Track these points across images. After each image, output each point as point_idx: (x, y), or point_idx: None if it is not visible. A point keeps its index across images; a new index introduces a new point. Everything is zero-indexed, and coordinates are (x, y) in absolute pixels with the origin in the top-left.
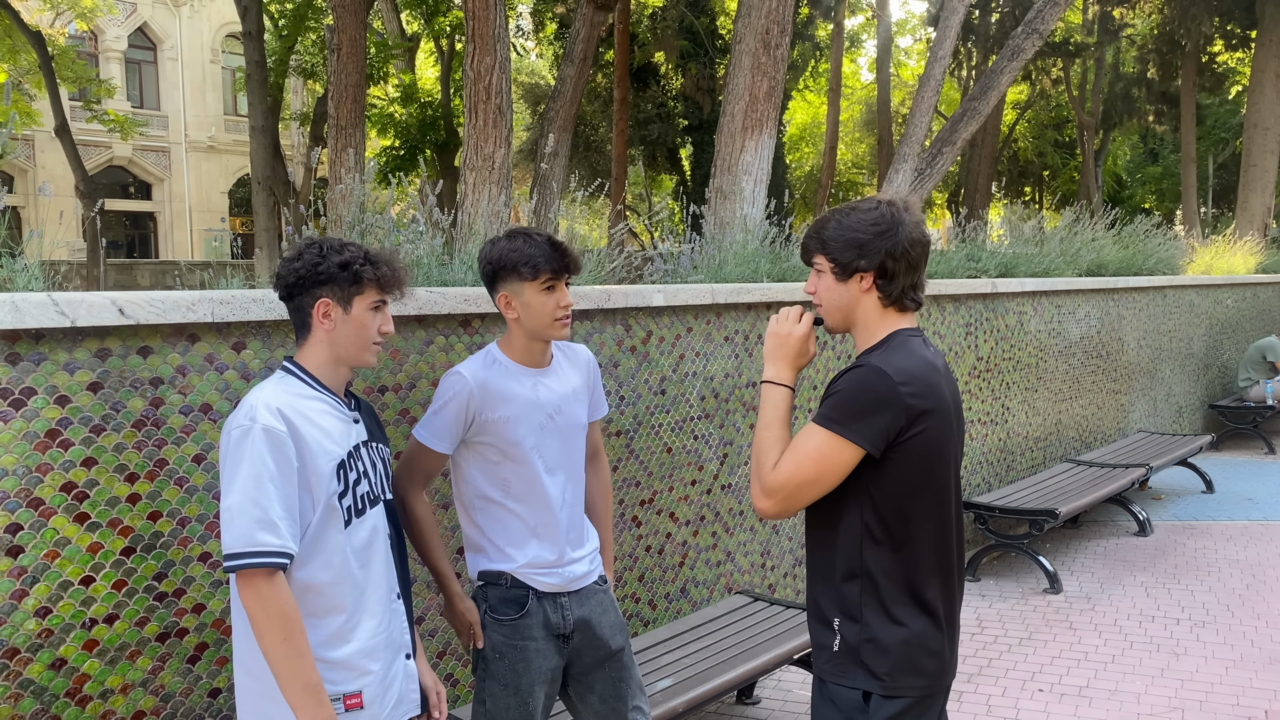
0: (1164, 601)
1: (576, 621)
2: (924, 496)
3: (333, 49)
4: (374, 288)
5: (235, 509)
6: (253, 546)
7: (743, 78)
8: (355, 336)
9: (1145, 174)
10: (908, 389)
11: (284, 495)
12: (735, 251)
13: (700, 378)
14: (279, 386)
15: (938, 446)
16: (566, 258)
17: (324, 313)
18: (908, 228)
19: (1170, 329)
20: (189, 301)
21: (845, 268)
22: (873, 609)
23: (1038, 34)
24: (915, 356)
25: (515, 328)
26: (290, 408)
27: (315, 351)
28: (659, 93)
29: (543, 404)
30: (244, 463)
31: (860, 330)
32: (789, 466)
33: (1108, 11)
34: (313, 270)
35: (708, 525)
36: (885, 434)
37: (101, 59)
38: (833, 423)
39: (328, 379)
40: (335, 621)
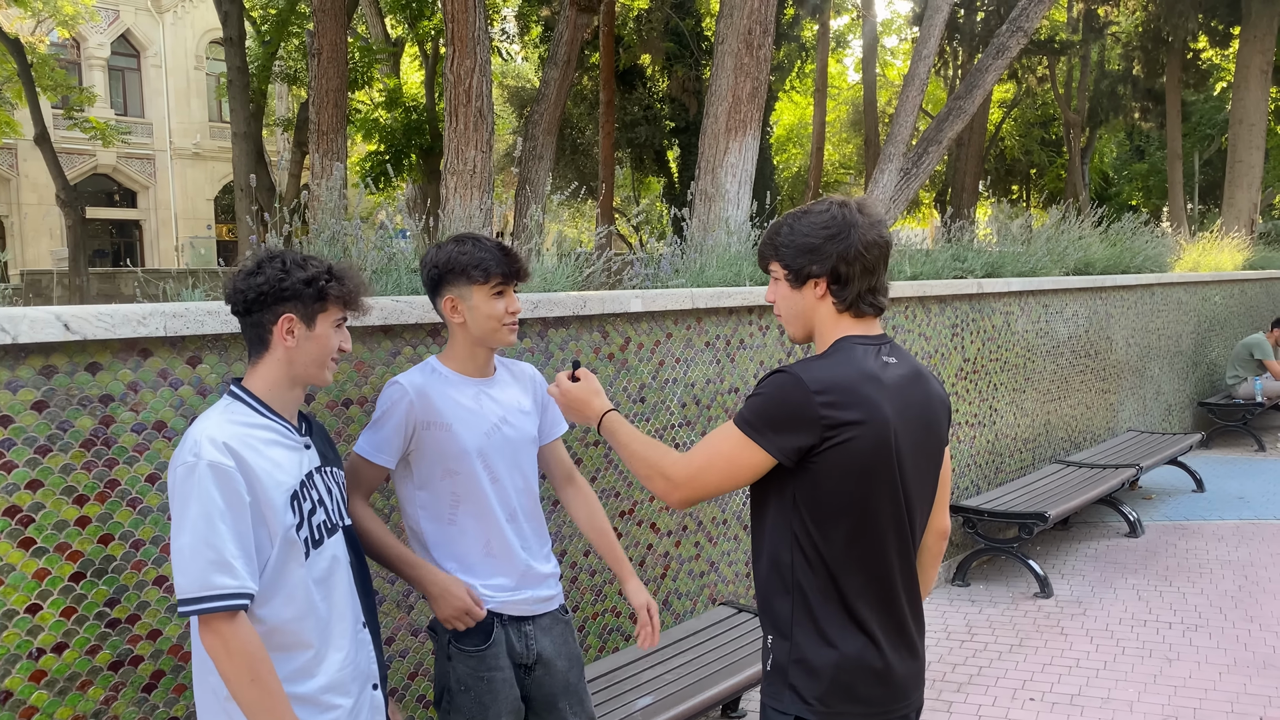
0: (1156, 605)
1: (539, 651)
2: (852, 513)
3: (313, 54)
4: (338, 305)
5: (187, 550)
6: (209, 590)
7: (725, 78)
8: (316, 354)
9: (1132, 171)
10: (824, 399)
11: (237, 532)
12: (718, 254)
13: (681, 385)
14: (224, 416)
15: (865, 460)
16: (516, 262)
17: (287, 330)
18: (861, 229)
19: (1159, 327)
20: (140, 315)
21: (798, 274)
22: (803, 628)
23: (1023, 32)
24: (848, 365)
25: (459, 334)
26: (236, 439)
27: (270, 371)
28: (645, 95)
29: (486, 414)
30: (191, 501)
31: (817, 338)
32: (702, 458)
33: (1092, 9)
34: (277, 286)
35: (690, 535)
36: (796, 446)
37: (84, 67)
38: (747, 424)
39: (279, 403)
40: (301, 657)
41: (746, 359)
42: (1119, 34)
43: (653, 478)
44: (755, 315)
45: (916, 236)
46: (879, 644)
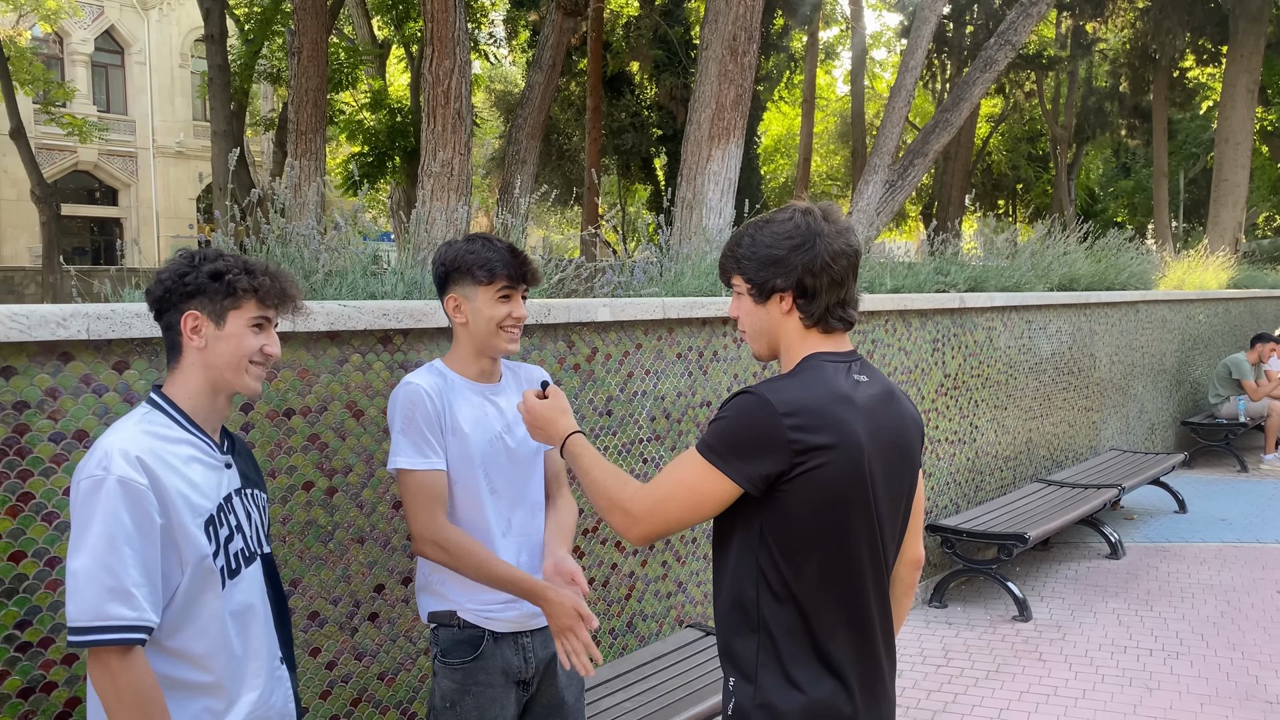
0: (1136, 630)
1: (539, 665)
2: (824, 545)
3: (293, 52)
4: (252, 301)
5: (82, 574)
6: (102, 620)
7: (709, 85)
8: (229, 357)
9: (1117, 188)
10: (792, 421)
11: (143, 558)
12: (694, 263)
13: (650, 397)
14: (139, 427)
15: (838, 488)
16: (525, 266)
17: (193, 327)
18: (827, 239)
19: (1143, 344)
20: (60, 317)
21: (762, 288)
22: (769, 670)
23: (1010, 45)
24: (818, 385)
25: (462, 336)
26: (151, 454)
27: (188, 378)
28: (633, 102)
29: (491, 422)
30: (95, 520)
31: (783, 356)
32: (662, 490)
33: (1081, 25)
34: (180, 282)
35: (657, 554)
36: (764, 473)
37: (67, 62)
38: (711, 451)
39: (200, 414)
40: (210, 698)
41: (720, 371)
42: (1107, 51)
43: (611, 510)
44: (730, 326)
45: (900, 249)
46: (850, 687)
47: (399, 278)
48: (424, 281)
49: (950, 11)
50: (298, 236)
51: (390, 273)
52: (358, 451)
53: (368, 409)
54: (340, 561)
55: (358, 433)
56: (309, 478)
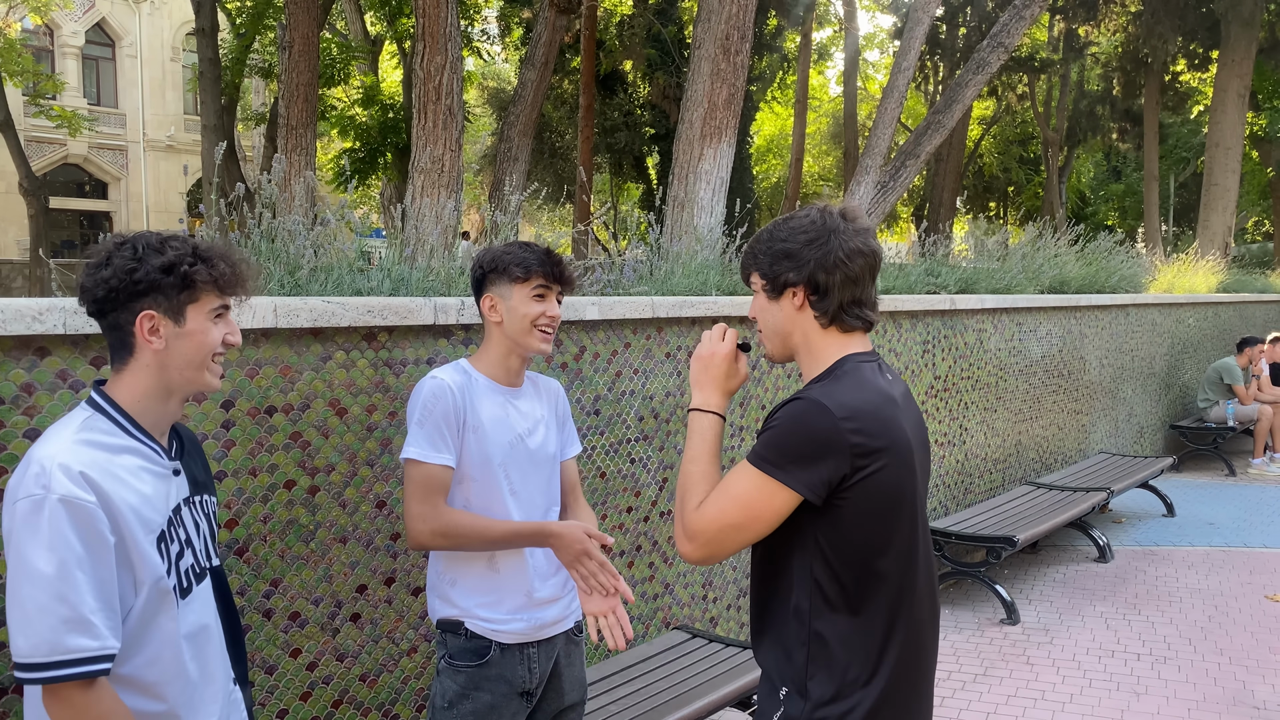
0: (1124, 634)
1: (543, 675)
2: (881, 548)
3: (284, 47)
4: (212, 291)
5: (32, 606)
6: (61, 654)
7: (702, 84)
8: (192, 355)
9: (1108, 191)
10: (851, 425)
11: (97, 580)
12: (684, 262)
13: (639, 397)
14: (80, 436)
15: (894, 491)
16: (561, 268)
17: (150, 329)
18: (844, 236)
19: (1132, 348)
20: (35, 311)
21: (774, 282)
22: (822, 680)
23: (1003, 48)
24: (866, 387)
25: (495, 335)
26: (96, 467)
27: (137, 380)
28: (626, 100)
29: (512, 424)
30: (39, 546)
31: (803, 356)
32: (714, 508)
33: (1073, 29)
34: (128, 278)
35: (644, 555)
36: (826, 479)
37: (58, 55)
38: (765, 462)
39: (149, 418)
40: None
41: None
42: (1099, 54)
43: (676, 522)
44: None
45: (891, 250)
46: (902, 693)
47: (385, 274)
48: (410, 278)
49: (943, 14)
50: (284, 232)
51: (377, 269)
52: (340, 450)
53: (351, 407)
54: (322, 561)
55: (341, 431)
56: (290, 476)
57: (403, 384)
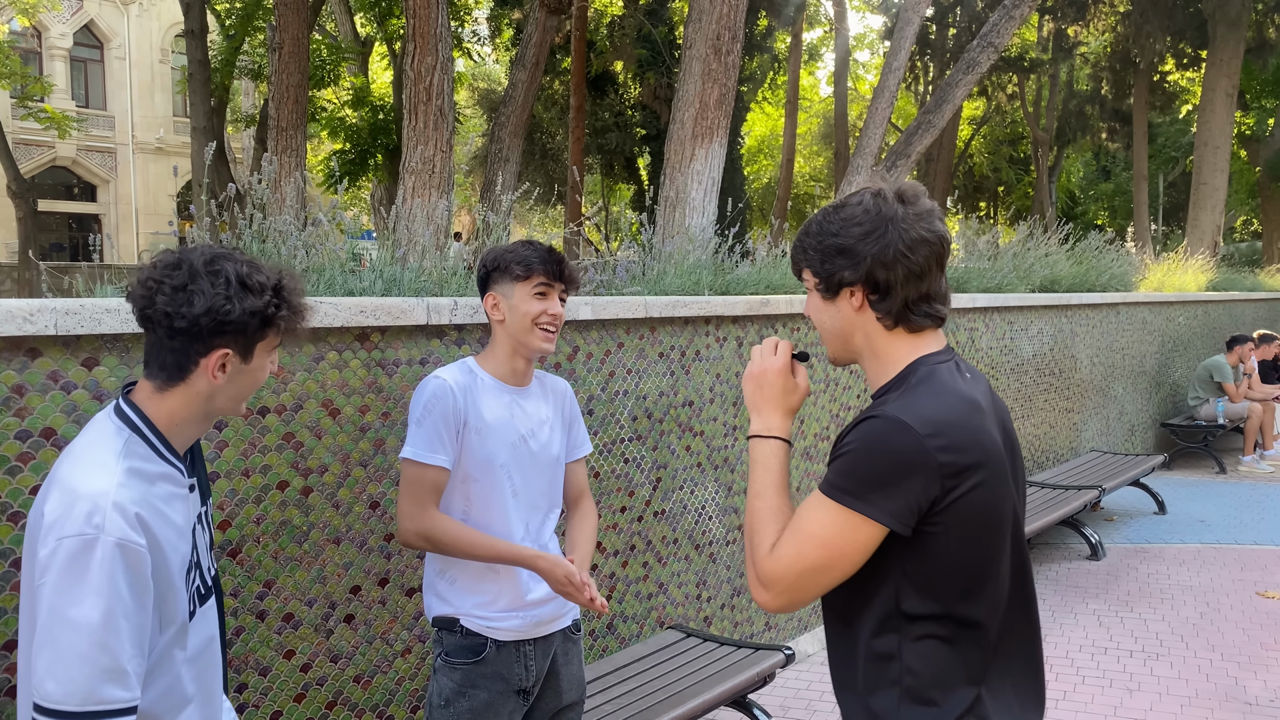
0: (1116, 631)
1: (540, 674)
2: (981, 576)
3: (274, 48)
4: (278, 334)
5: (71, 653)
6: (95, 705)
7: (693, 84)
8: (247, 388)
9: (1098, 190)
10: (938, 442)
11: (137, 629)
12: (676, 262)
13: (632, 397)
14: (124, 465)
15: (991, 508)
16: (562, 266)
17: (220, 365)
18: (903, 224)
19: (1123, 346)
20: (26, 312)
21: (829, 282)
22: None
23: (993, 48)
24: (947, 395)
25: (499, 334)
26: (147, 506)
27: (183, 403)
28: (617, 101)
29: (516, 424)
30: (88, 591)
31: (869, 361)
32: (790, 551)
33: (1062, 29)
34: (219, 317)
35: (638, 555)
36: (914, 506)
37: (45, 57)
38: (843, 493)
39: (180, 439)
40: None
41: (702, 371)
42: (1088, 54)
43: (749, 566)
44: (712, 326)
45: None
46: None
47: (378, 275)
48: (403, 279)
49: (933, 14)
50: (275, 233)
51: (369, 270)
52: (334, 450)
53: (344, 407)
54: (315, 562)
55: (334, 431)
56: (284, 477)
57: (396, 384)
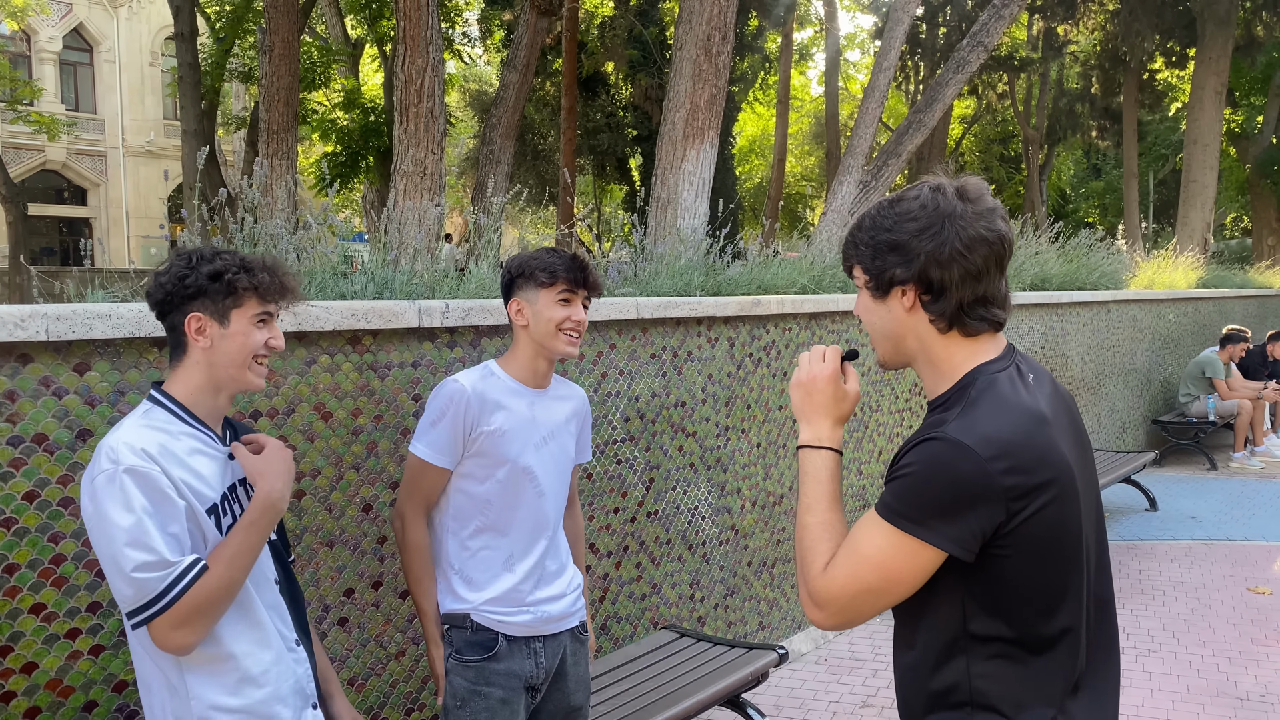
0: None
1: (549, 671)
2: (1051, 593)
3: (264, 50)
4: (254, 298)
5: (122, 562)
6: (151, 593)
7: (684, 85)
8: (236, 354)
9: (1089, 189)
10: (1002, 465)
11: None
12: (668, 263)
13: (624, 398)
14: (141, 422)
15: (1061, 526)
16: (586, 272)
17: (198, 329)
18: (961, 221)
19: (1114, 344)
20: (18, 317)
21: (880, 280)
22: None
23: (983, 47)
24: (1009, 410)
25: (522, 338)
26: (157, 447)
27: (190, 376)
28: (608, 102)
29: (539, 424)
30: (115, 509)
31: (924, 366)
32: (845, 572)
33: (1052, 28)
34: (180, 284)
35: (631, 556)
36: (977, 532)
37: (35, 60)
38: (901, 518)
39: (202, 409)
40: (237, 670)
41: (694, 372)
42: (1078, 53)
43: (800, 582)
44: (704, 327)
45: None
46: None
47: (369, 278)
48: (394, 281)
49: (923, 13)
50: (266, 236)
51: (360, 273)
52: (326, 454)
53: (336, 411)
54: (309, 565)
55: (326, 435)
56: None
57: (388, 387)
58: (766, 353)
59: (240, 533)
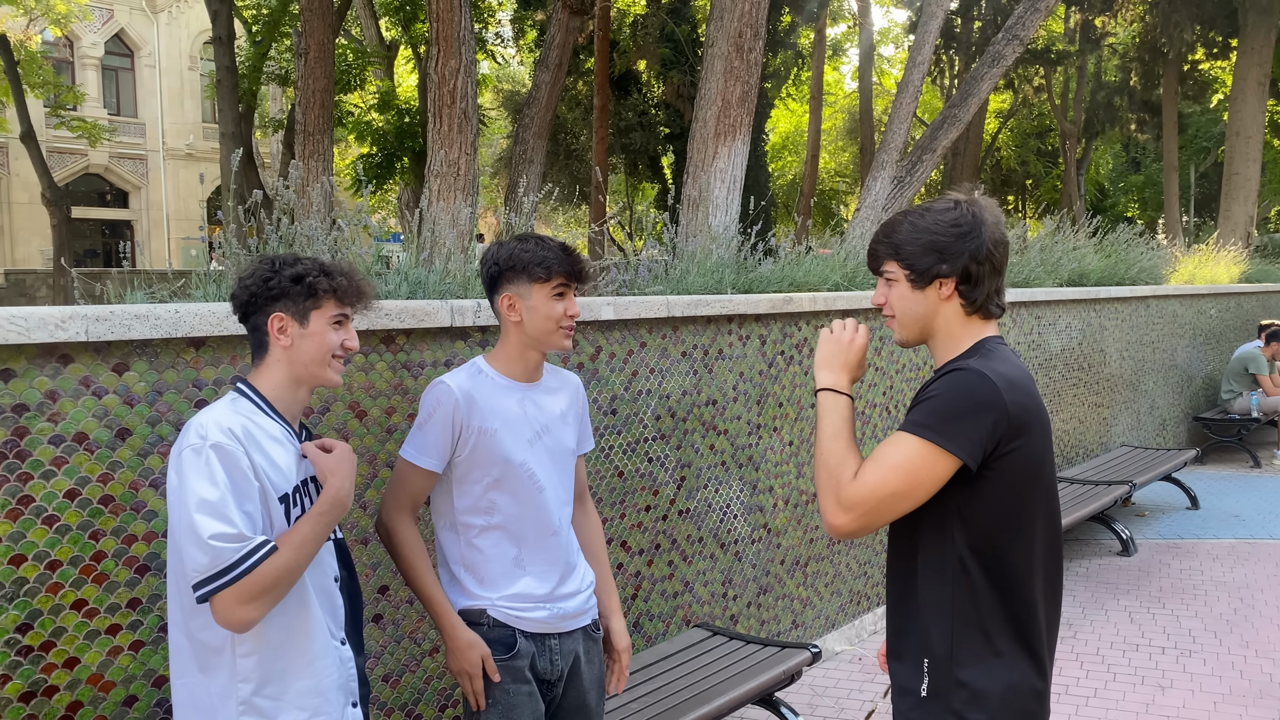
0: (1149, 628)
1: (565, 669)
2: (1024, 519)
3: (300, 53)
4: (332, 300)
5: (200, 529)
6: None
7: (715, 82)
8: (314, 352)
9: (1127, 182)
10: (1011, 396)
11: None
12: (699, 261)
13: (655, 396)
14: (230, 408)
15: (1037, 464)
16: (579, 264)
17: (279, 328)
18: (989, 228)
19: (1153, 340)
20: (58, 319)
21: (923, 274)
22: (968, 649)
23: (1018, 40)
24: (1013, 364)
25: (514, 334)
26: (242, 429)
27: (272, 372)
28: (640, 100)
29: (530, 420)
30: (200, 481)
31: (941, 340)
32: (873, 477)
33: (1089, 20)
34: (264, 286)
35: (663, 554)
36: (985, 444)
37: (78, 66)
38: (926, 429)
39: (283, 403)
40: (285, 659)
41: (725, 370)
42: (1116, 45)
43: (824, 494)
44: (735, 324)
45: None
46: (1042, 663)
47: (403, 278)
48: (428, 281)
49: (958, 7)
50: (302, 237)
51: (394, 273)
52: (361, 452)
53: (370, 409)
54: None
55: (361, 433)
56: None
57: (421, 386)
58: (799, 350)
59: (308, 522)
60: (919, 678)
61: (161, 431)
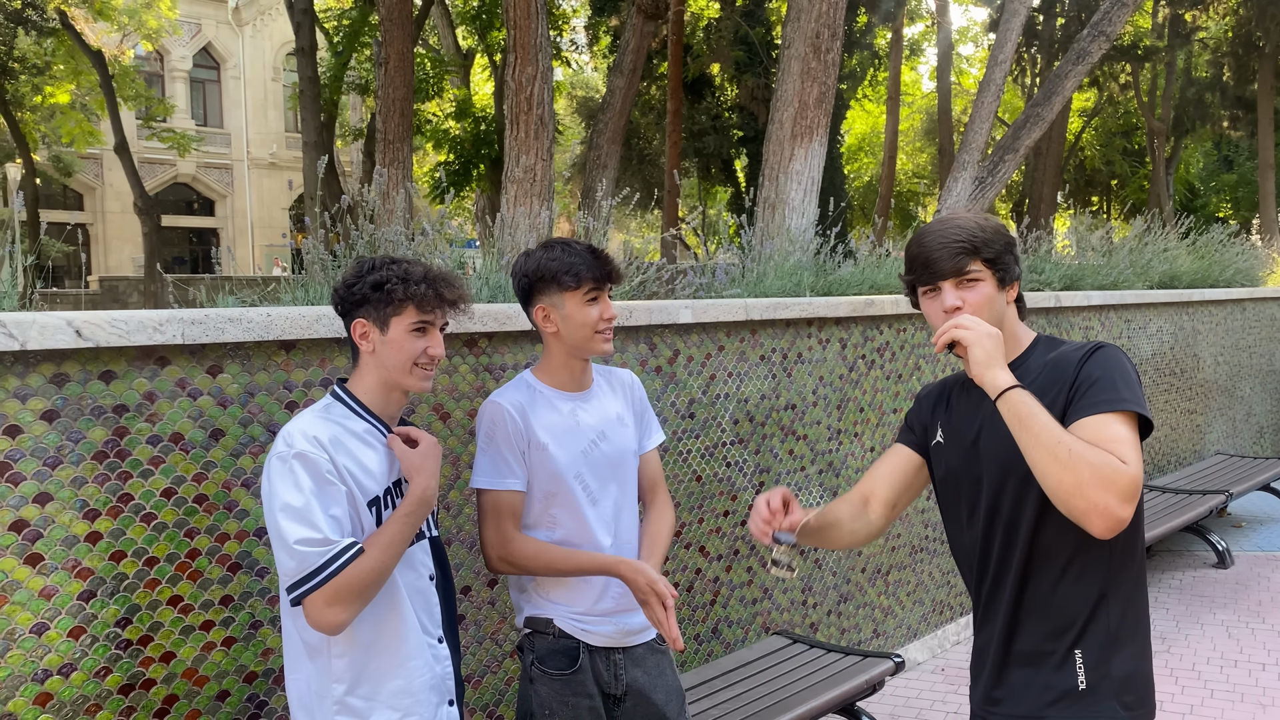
0: (1247, 643)
1: (629, 684)
2: None
3: (380, 63)
4: (411, 307)
5: (286, 535)
6: (310, 566)
7: (792, 83)
8: (395, 358)
9: (1220, 182)
10: None
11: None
12: (776, 264)
13: (733, 400)
14: (320, 414)
15: None
16: (608, 265)
17: (362, 334)
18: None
19: (1250, 344)
20: (156, 322)
21: (1008, 274)
22: (1128, 635)
23: (1104, 37)
24: None
25: (554, 344)
26: (328, 437)
27: (365, 375)
28: (714, 104)
29: (583, 430)
30: (286, 489)
31: (1007, 339)
32: (1135, 458)
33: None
34: (349, 291)
35: (742, 560)
36: None
37: (167, 78)
38: (1129, 403)
39: (376, 405)
40: (379, 658)
41: (804, 373)
42: (1207, 40)
43: (1096, 489)
44: (814, 328)
45: None
46: None
47: (484, 282)
48: (507, 285)
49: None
50: (386, 243)
51: (475, 277)
52: (444, 454)
53: (454, 411)
54: None
55: (444, 435)
56: None
57: None
58: (880, 354)
59: (395, 523)
60: (1072, 675)
61: (253, 432)
